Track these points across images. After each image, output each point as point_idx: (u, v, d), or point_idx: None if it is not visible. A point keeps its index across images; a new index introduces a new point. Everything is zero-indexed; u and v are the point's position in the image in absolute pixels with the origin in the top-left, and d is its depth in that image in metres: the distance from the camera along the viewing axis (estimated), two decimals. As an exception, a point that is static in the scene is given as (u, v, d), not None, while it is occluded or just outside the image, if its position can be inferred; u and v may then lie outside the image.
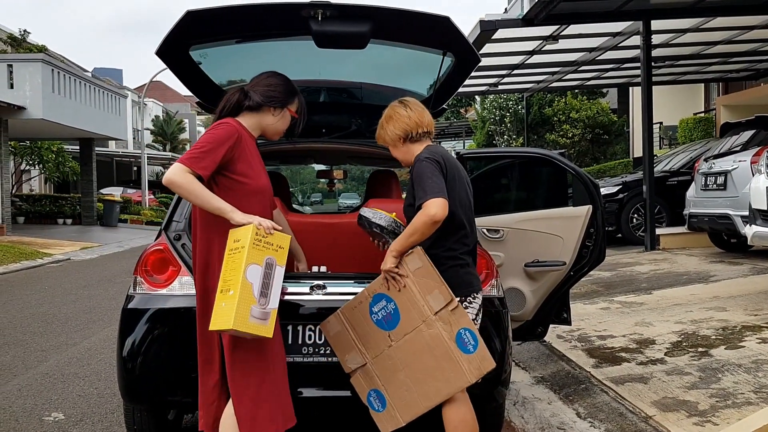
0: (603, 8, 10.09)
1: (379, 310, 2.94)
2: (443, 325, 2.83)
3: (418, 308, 2.86)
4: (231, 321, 2.57)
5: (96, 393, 4.75)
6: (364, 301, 2.97)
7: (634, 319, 5.94)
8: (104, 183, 32.15)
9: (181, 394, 3.23)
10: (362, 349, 2.97)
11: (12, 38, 26.30)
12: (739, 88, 18.05)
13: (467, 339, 2.82)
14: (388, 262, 2.90)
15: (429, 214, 2.75)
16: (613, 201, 11.47)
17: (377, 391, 2.96)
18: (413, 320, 2.87)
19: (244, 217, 2.74)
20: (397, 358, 2.91)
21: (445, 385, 2.84)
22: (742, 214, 7.52)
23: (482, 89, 17.55)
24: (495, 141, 25.63)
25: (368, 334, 2.96)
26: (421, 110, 3.07)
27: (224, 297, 2.65)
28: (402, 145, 3.07)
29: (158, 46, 3.34)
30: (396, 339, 2.91)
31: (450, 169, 2.93)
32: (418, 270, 2.85)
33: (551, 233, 4.30)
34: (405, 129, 3.03)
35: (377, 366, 2.95)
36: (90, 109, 21.92)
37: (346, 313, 3.02)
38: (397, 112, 3.06)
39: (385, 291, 2.93)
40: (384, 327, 2.93)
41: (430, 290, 2.84)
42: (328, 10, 3.17)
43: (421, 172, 2.86)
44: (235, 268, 2.63)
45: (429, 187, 2.80)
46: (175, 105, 53.74)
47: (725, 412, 3.62)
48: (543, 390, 4.49)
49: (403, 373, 2.90)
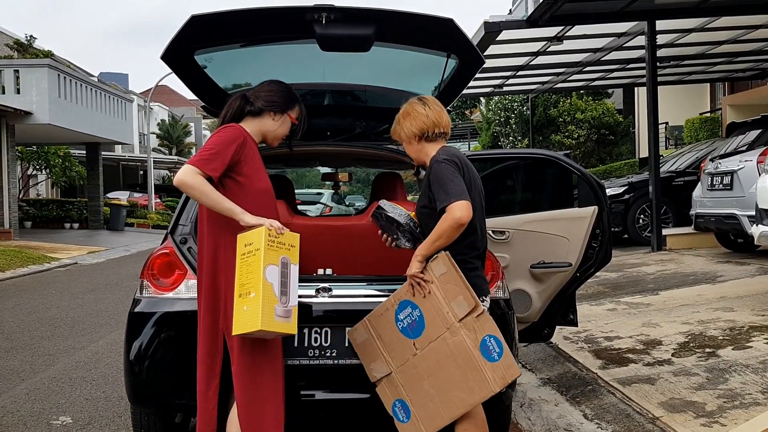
0: (607, 9, 10.07)
1: (405, 317, 2.90)
2: (467, 332, 2.77)
3: (442, 315, 2.81)
4: (258, 322, 2.61)
5: (103, 396, 4.76)
6: (390, 308, 2.92)
7: (640, 320, 5.92)
8: (111, 187, 32.25)
9: (187, 397, 3.22)
10: (388, 358, 2.93)
11: (18, 44, 26.47)
12: (745, 87, 17.99)
13: (492, 346, 2.76)
14: (414, 267, 2.87)
15: (455, 217, 2.73)
16: (619, 202, 11.44)
17: (402, 401, 2.91)
18: (438, 328, 2.82)
19: (254, 219, 2.79)
20: (422, 367, 2.85)
21: (468, 395, 2.77)
22: (748, 214, 7.48)
23: (487, 91, 17.54)
24: (500, 142, 25.61)
25: (394, 342, 2.91)
26: (439, 110, 3.04)
27: (245, 301, 2.67)
28: (416, 144, 3.04)
29: (163, 50, 3.36)
30: (421, 347, 2.86)
31: (466, 172, 2.91)
32: (442, 275, 2.80)
33: (557, 234, 4.30)
34: (421, 128, 3.00)
35: (402, 375, 2.90)
36: (96, 114, 22.00)
37: (372, 321, 2.97)
38: (415, 109, 3.02)
39: (410, 297, 2.89)
40: (409, 335, 2.89)
41: (454, 296, 2.79)
42: (332, 14, 3.18)
43: (441, 174, 2.83)
44: (253, 271, 2.67)
45: (451, 190, 2.77)
46: (181, 109, 53.90)
47: (733, 412, 3.60)
48: (550, 391, 4.48)
49: (427, 383, 2.84)
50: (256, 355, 2.82)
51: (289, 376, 3.16)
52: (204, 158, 2.79)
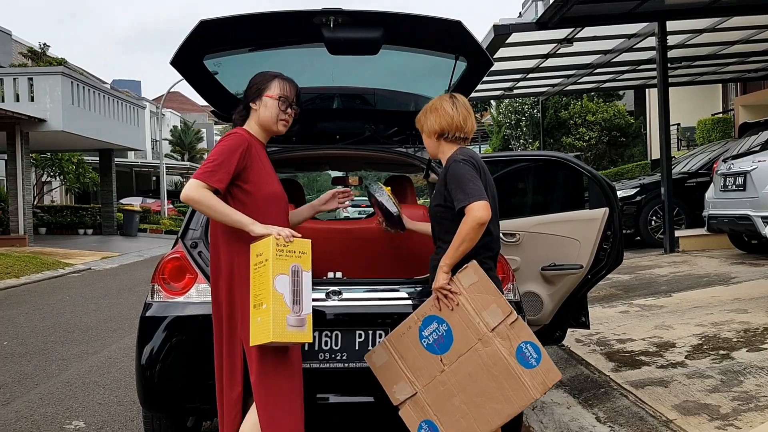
0: (618, 10, 10.03)
1: (430, 333, 2.80)
2: (501, 341, 2.69)
3: (473, 326, 2.73)
4: (270, 334, 2.60)
5: (116, 401, 4.79)
6: (413, 326, 2.82)
7: (653, 322, 5.88)
8: (124, 193, 32.47)
9: (199, 401, 3.24)
10: (411, 378, 2.80)
11: (32, 52, 26.73)
12: (758, 87, 17.85)
13: (529, 353, 2.69)
14: (440, 279, 2.79)
15: (475, 217, 2.70)
16: (631, 203, 11.39)
17: (430, 423, 2.77)
18: (468, 340, 2.73)
19: (263, 228, 2.75)
20: (452, 383, 2.75)
21: (506, 406, 2.68)
22: (762, 215, 7.43)
23: (497, 94, 17.51)
24: (511, 145, 25.56)
25: (418, 360, 2.79)
26: (467, 113, 3.00)
27: (258, 312, 2.67)
28: (435, 140, 3.02)
29: (173, 56, 3.37)
30: (449, 362, 2.76)
31: (482, 174, 2.90)
32: (472, 285, 2.73)
33: (568, 236, 4.28)
34: (444, 127, 2.97)
35: (429, 394, 2.78)
36: (109, 121, 22.17)
37: (393, 341, 2.86)
38: (443, 106, 2.99)
39: (436, 312, 2.80)
40: (436, 351, 2.78)
41: (486, 305, 2.72)
42: (340, 17, 3.19)
43: (459, 174, 2.80)
44: (264, 282, 2.66)
45: (470, 190, 2.75)
46: (193, 115, 54.20)
47: (748, 415, 3.57)
48: (562, 394, 4.46)
49: (458, 399, 2.73)
50: (276, 361, 2.78)
51: (300, 379, 3.17)
52: (208, 171, 2.76)
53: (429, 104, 3.06)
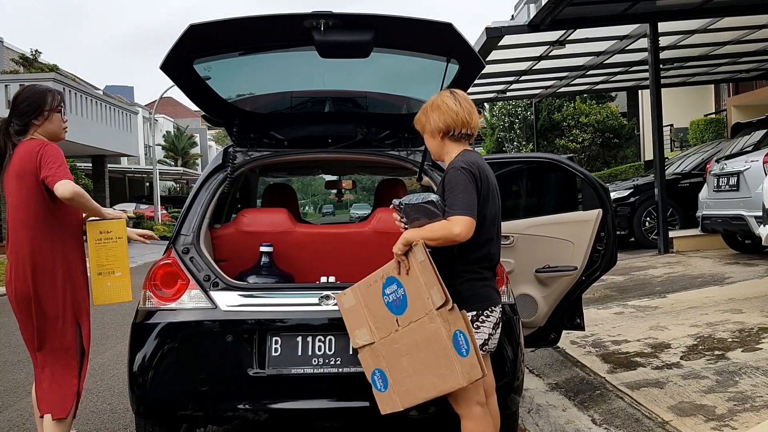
0: (609, 11, 10.06)
1: (391, 293, 2.92)
2: (443, 322, 2.78)
3: (422, 300, 2.83)
4: (130, 295, 3.43)
5: (109, 409, 4.75)
6: (378, 281, 2.95)
7: (648, 323, 5.88)
8: (117, 199, 32.38)
9: (192, 408, 3.22)
10: (372, 328, 2.96)
11: (24, 58, 26.64)
12: (750, 88, 17.94)
13: (461, 342, 2.77)
14: (398, 246, 2.82)
15: (453, 231, 2.67)
16: (625, 205, 11.40)
17: (381, 372, 2.95)
18: (418, 310, 2.85)
19: (113, 212, 3.47)
20: (402, 344, 2.89)
21: (440, 381, 2.82)
22: (755, 215, 7.44)
23: (490, 96, 17.53)
24: (505, 148, 25.60)
25: (379, 314, 2.95)
26: (470, 108, 2.88)
27: (107, 278, 3.37)
28: (439, 139, 2.90)
29: (163, 60, 3.36)
30: (403, 325, 2.89)
31: (485, 181, 2.81)
32: (422, 263, 2.80)
33: (562, 238, 4.27)
34: (449, 124, 2.85)
35: (384, 347, 2.93)
36: (101, 127, 22.11)
37: (362, 289, 3.00)
38: (446, 102, 2.86)
39: (396, 275, 2.88)
40: (393, 311, 2.91)
41: (431, 285, 2.79)
42: (330, 20, 3.18)
43: (454, 183, 2.74)
44: (116, 255, 3.37)
45: (459, 202, 2.69)
46: (186, 120, 54.13)
47: (743, 415, 3.56)
48: (557, 397, 4.44)
49: (405, 360, 2.89)
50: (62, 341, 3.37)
51: (294, 385, 3.15)
52: (66, 170, 3.19)
53: (428, 102, 2.94)
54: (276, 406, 3.14)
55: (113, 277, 3.36)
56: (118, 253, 3.37)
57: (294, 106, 4.22)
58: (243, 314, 3.21)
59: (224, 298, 3.23)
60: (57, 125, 3.38)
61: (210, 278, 3.27)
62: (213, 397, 3.17)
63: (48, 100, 3.34)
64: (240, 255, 3.75)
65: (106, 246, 3.36)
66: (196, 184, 3.79)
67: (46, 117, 3.33)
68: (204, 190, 3.69)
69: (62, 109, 3.40)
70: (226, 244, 3.80)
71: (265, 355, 3.16)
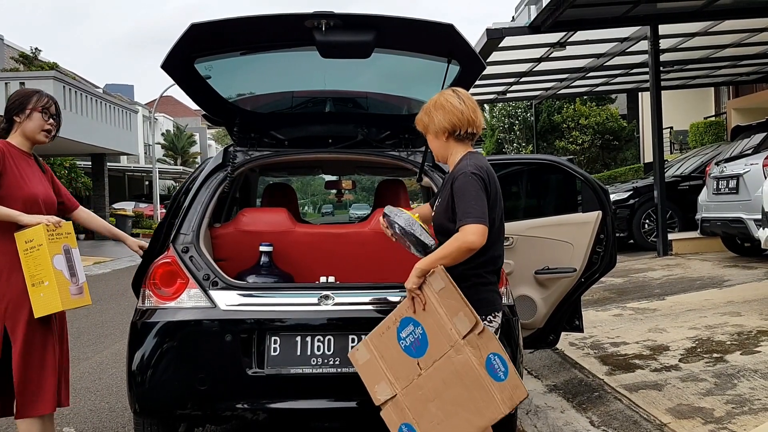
0: (610, 14, 10.07)
1: (407, 335, 2.76)
2: (472, 350, 2.64)
3: (445, 332, 2.68)
4: (60, 304, 3.14)
5: (107, 407, 4.75)
6: (392, 326, 2.79)
7: (647, 325, 5.88)
8: (116, 198, 32.38)
9: (191, 407, 3.21)
10: (392, 379, 2.77)
11: (24, 56, 26.61)
12: (750, 91, 17.95)
13: (497, 365, 2.63)
14: (411, 281, 2.72)
15: (467, 240, 2.59)
16: (624, 207, 11.40)
17: (409, 426, 2.73)
18: (442, 345, 2.69)
19: (31, 218, 3.15)
20: (428, 388, 2.71)
21: (477, 417, 2.64)
22: (755, 218, 7.44)
23: (491, 97, 17.54)
24: (504, 149, 25.60)
25: (397, 362, 2.76)
26: (474, 107, 2.81)
27: (39, 289, 3.14)
28: (444, 140, 2.83)
29: (163, 59, 3.36)
30: (425, 367, 2.72)
31: (492, 186, 2.77)
32: (441, 291, 2.68)
33: (561, 240, 4.27)
34: (454, 123, 2.78)
35: (408, 397, 2.74)
36: (101, 125, 22.10)
37: (374, 340, 2.83)
38: (450, 101, 2.79)
39: (411, 314, 2.74)
40: (413, 354, 2.73)
41: (455, 312, 2.67)
42: (331, 21, 3.18)
43: (465, 190, 2.67)
44: (41, 264, 3.13)
45: (472, 209, 2.62)
46: (186, 119, 54.12)
47: (742, 418, 3.56)
48: (556, 398, 4.45)
49: (434, 405, 2.70)
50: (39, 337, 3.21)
51: (293, 385, 3.15)
52: None
53: (431, 102, 2.85)
54: (275, 405, 3.14)
55: (44, 288, 3.14)
56: (42, 261, 3.12)
57: (294, 106, 4.22)
58: (242, 314, 3.21)
59: (223, 297, 3.23)
60: (35, 124, 3.30)
61: (209, 277, 3.27)
62: (212, 397, 3.17)
63: (33, 100, 3.31)
64: (239, 254, 3.75)
65: (32, 255, 3.15)
66: (196, 183, 3.79)
67: (27, 115, 3.28)
68: (204, 190, 3.69)
69: (46, 112, 3.32)
70: (225, 243, 3.80)
71: (264, 354, 3.16)
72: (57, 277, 3.12)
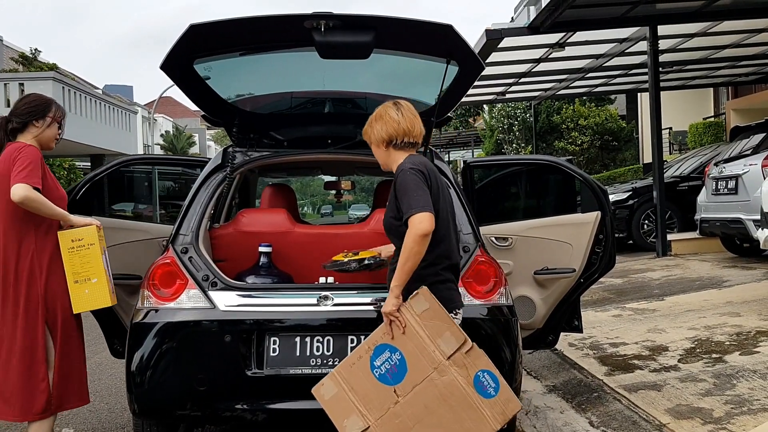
0: (609, 14, 10.07)
1: (382, 363, 2.67)
2: (458, 369, 2.60)
3: (428, 354, 2.63)
4: (109, 300, 3.44)
5: (107, 408, 4.75)
6: (364, 356, 2.69)
7: (646, 325, 5.88)
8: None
9: (190, 408, 3.22)
10: (363, 411, 2.65)
11: (23, 57, 26.63)
12: (749, 91, 17.95)
13: (487, 382, 2.61)
14: (390, 304, 2.70)
15: (417, 228, 2.65)
16: (624, 207, 11.40)
17: None
18: (423, 369, 2.62)
19: (80, 219, 3.42)
20: (407, 416, 2.61)
21: None
22: (754, 218, 7.44)
23: (490, 98, 17.54)
24: (504, 149, 25.60)
25: (370, 392, 2.65)
26: (412, 117, 2.96)
27: (85, 285, 3.38)
28: (384, 149, 2.98)
29: (163, 60, 3.36)
30: (403, 393, 2.63)
31: (433, 180, 2.85)
32: (425, 312, 2.64)
33: (560, 240, 4.27)
34: (391, 134, 2.93)
35: (382, 428, 2.63)
36: (100, 126, 22.11)
37: (342, 372, 2.72)
38: (388, 113, 2.95)
39: (388, 341, 2.68)
40: (389, 382, 2.65)
41: (440, 333, 2.62)
42: (330, 21, 3.18)
43: (405, 184, 2.77)
44: (90, 261, 3.37)
45: (414, 201, 2.70)
46: (185, 120, 54.12)
47: (741, 419, 3.56)
48: (555, 399, 4.45)
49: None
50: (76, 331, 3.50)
51: (292, 385, 3.15)
52: (30, 174, 3.21)
53: (373, 114, 3.02)
54: (274, 406, 3.15)
55: (90, 284, 3.37)
56: (92, 259, 3.37)
57: (294, 107, 4.22)
58: (241, 314, 3.21)
59: (223, 298, 3.23)
60: (52, 134, 3.52)
61: (209, 278, 3.27)
62: (211, 397, 3.17)
63: (53, 109, 3.51)
64: (239, 255, 3.75)
65: (79, 253, 3.37)
66: (195, 183, 3.79)
67: (47, 123, 3.47)
68: (203, 190, 3.69)
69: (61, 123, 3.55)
70: (225, 244, 3.80)
71: (263, 355, 3.16)
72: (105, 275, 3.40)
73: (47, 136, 3.50)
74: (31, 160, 3.28)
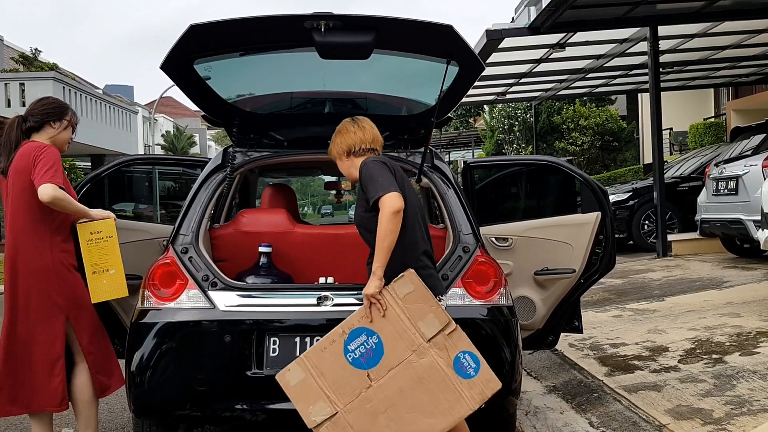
0: (609, 15, 10.07)
1: (357, 347, 2.64)
2: (438, 351, 2.58)
3: (407, 337, 2.60)
4: (125, 290, 3.54)
5: (106, 408, 4.74)
6: (337, 340, 2.65)
7: (646, 326, 5.88)
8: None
9: (190, 408, 3.22)
10: (332, 397, 2.60)
11: (24, 57, 26.64)
12: (749, 92, 17.95)
13: (467, 362, 2.61)
14: (372, 286, 2.71)
15: (388, 207, 2.76)
16: (624, 208, 11.39)
17: None
18: (401, 352, 2.60)
19: (99, 212, 3.53)
20: (378, 399, 2.58)
21: (440, 420, 2.56)
22: (754, 219, 7.44)
23: (490, 98, 17.54)
24: (504, 150, 25.60)
25: (341, 377, 2.61)
26: (369, 128, 3.17)
27: (103, 276, 3.48)
28: (346, 159, 3.15)
29: (163, 60, 3.36)
30: (377, 377, 2.60)
31: (398, 172, 2.98)
32: (409, 295, 2.63)
33: (560, 241, 4.27)
34: (349, 144, 3.13)
35: (352, 414, 2.58)
36: (101, 126, 22.13)
37: (312, 358, 2.67)
38: (345, 127, 3.17)
39: (366, 324, 2.67)
40: (362, 366, 2.61)
41: (422, 316, 2.61)
42: (331, 21, 3.18)
43: (369, 173, 2.91)
44: (108, 253, 3.49)
45: (380, 184, 2.83)
46: (186, 120, 54.13)
47: (741, 419, 3.56)
48: (555, 399, 4.45)
49: (384, 416, 2.57)
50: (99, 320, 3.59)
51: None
52: (55, 174, 3.30)
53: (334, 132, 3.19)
54: (274, 406, 3.14)
55: (108, 275, 3.48)
56: (110, 251, 3.48)
57: (294, 107, 4.22)
58: (241, 314, 3.21)
59: (223, 298, 3.23)
60: (66, 137, 3.63)
61: (208, 278, 3.27)
62: (211, 397, 3.17)
63: (69, 113, 3.63)
64: (239, 255, 3.75)
65: (98, 245, 3.48)
66: (196, 183, 3.79)
67: (63, 126, 3.57)
68: (203, 190, 3.70)
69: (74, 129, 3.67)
70: (225, 244, 3.80)
71: (263, 355, 3.16)
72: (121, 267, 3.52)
73: (62, 138, 3.59)
74: (56, 160, 3.37)
